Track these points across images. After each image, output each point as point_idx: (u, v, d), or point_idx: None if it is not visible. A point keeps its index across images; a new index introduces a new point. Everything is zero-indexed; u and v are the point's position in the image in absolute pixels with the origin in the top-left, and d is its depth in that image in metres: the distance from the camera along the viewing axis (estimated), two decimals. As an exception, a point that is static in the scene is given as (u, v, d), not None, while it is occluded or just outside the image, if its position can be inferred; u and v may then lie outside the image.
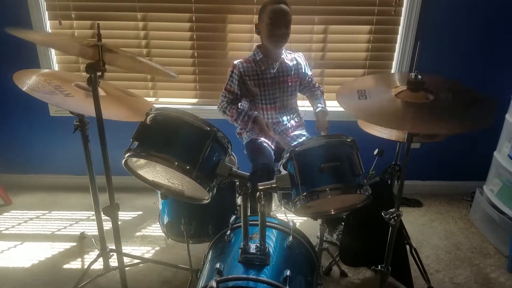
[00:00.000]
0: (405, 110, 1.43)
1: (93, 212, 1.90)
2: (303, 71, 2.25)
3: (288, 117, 2.27)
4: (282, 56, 2.18)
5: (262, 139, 2.19)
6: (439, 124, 1.43)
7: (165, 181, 1.52)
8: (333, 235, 2.29)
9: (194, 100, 2.72)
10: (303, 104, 2.36)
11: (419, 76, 1.48)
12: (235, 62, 2.17)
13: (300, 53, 2.29)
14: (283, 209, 1.56)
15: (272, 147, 2.19)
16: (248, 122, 2.10)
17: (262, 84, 2.16)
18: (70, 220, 2.55)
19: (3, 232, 2.43)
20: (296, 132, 2.24)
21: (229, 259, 1.44)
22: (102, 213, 1.56)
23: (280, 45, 2.11)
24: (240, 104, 2.22)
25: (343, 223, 2.23)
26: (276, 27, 2.02)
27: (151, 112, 1.42)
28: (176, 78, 1.61)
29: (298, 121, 2.31)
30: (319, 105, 2.23)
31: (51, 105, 2.64)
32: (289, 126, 2.26)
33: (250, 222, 1.43)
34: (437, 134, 1.93)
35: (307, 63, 2.30)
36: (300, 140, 1.58)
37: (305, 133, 2.26)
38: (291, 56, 2.23)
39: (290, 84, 2.20)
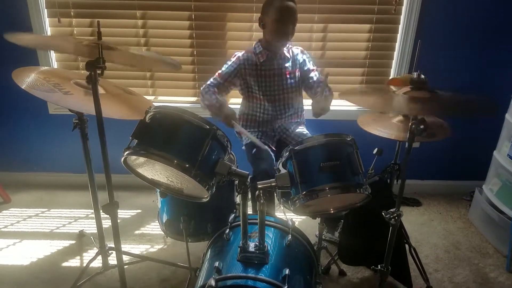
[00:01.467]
0: (410, 100, 1.44)
1: (92, 210, 1.90)
2: (302, 63, 2.21)
3: (288, 113, 2.25)
4: (281, 51, 2.16)
5: (262, 141, 2.17)
6: (444, 108, 1.45)
7: (164, 179, 1.52)
8: (335, 233, 2.29)
9: (194, 99, 2.71)
10: (305, 103, 2.35)
11: (422, 76, 1.48)
12: (236, 52, 2.20)
13: (299, 47, 2.26)
14: (282, 208, 1.56)
15: (273, 148, 2.19)
16: (214, 100, 1.98)
17: (260, 75, 2.16)
18: (69, 218, 2.55)
19: (2, 230, 2.43)
20: (297, 131, 2.23)
21: (228, 257, 1.44)
22: (101, 211, 1.56)
23: (285, 43, 2.12)
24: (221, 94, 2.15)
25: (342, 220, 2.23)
26: (284, 25, 2.02)
27: (150, 110, 1.42)
28: (178, 68, 1.60)
29: (299, 119, 2.30)
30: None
31: (50, 103, 2.63)
32: (288, 122, 2.25)
33: (249, 221, 1.43)
34: (436, 134, 1.93)
35: (309, 57, 2.25)
36: (300, 139, 1.57)
37: (306, 131, 2.25)
38: (290, 49, 2.21)
39: (288, 76, 2.18)
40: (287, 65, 2.18)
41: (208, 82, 2.16)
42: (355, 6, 2.45)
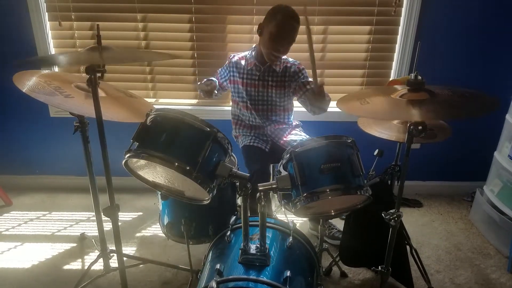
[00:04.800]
0: (409, 104, 1.44)
1: (93, 213, 1.90)
2: (294, 76, 2.14)
3: (274, 121, 2.24)
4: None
5: (256, 144, 2.19)
6: (444, 111, 1.43)
7: (165, 181, 1.52)
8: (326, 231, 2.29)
9: (194, 101, 2.72)
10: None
11: (419, 77, 1.48)
12: (231, 54, 2.23)
13: (298, 62, 2.18)
14: (283, 209, 1.56)
15: (266, 150, 2.19)
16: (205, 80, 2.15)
17: (246, 83, 2.16)
18: (71, 221, 2.55)
19: (4, 233, 2.43)
20: (291, 137, 2.21)
21: (229, 259, 1.44)
22: (102, 214, 1.56)
23: (275, 61, 2.07)
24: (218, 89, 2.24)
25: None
26: (278, 43, 1.97)
27: (151, 113, 1.42)
28: (175, 57, 1.61)
29: (289, 125, 2.28)
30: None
31: (51, 106, 2.64)
32: (279, 128, 2.25)
33: (250, 223, 1.43)
34: (437, 135, 1.93)
35: (304, 74, 2.15)
36: (301, 141, 1.57)
37: (301, 135, 2.25)
38: (284, 63, 2.14)
39: (274, 90, 2.14)
40: (274, 77, 2.13)
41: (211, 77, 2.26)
42: (355, 8, 2.46)
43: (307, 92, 2.07)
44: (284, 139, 2.20)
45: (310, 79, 2.13)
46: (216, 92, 2.18)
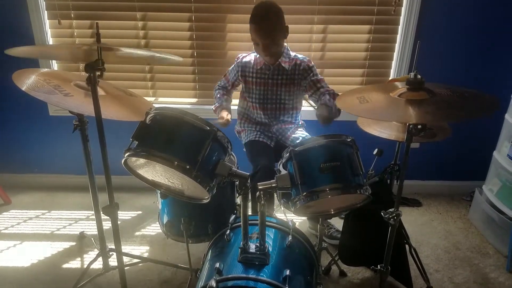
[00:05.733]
0: (408, 105, 1.43)
1: (93, 212, 1.90)
2: (303, 73, 2.13)
3: (281, 120, 2.24)
4: (280, 60, 2.10)
5: (262, 139, 2.19)
6: (443, 113, 1.43)
7: (164, 180, 1.52)
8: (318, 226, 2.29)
9: (194, 100, 2.72)
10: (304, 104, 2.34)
11: (419, 76, 1.48)
12: (240, 54, 2.23)
13: (308, 59, 2.16)
14: (282, 208, 1.56)
15: (271, 146, 2.20)
16: (216, 110, 2.18)
17: (254, 83, 2.16)
18: (70, 219, 2.55)
19: (3, 231, 2.43)
20: (296, 135, 2.22)
21: (229, 258, 1.44)
22: (101, 212, 1.56)
23: (268, 59, 2.10)
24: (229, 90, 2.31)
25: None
26: (257, 46, 2.03)
27: (150, 111, 1.42)
28: (179, 60, 1.62)
29: (295, 124, 2.28)
30: (323, 99, 2.04)
31: (51, 104, 2.63)
32: (284, 127, 2.25)
33: (249, 222, 1.43)
34: (436, 134, 1.93)
35: (314, 72, 2.14)
36: (300, 140, 1.58)
37: (304, 134, 2.25)
38: (293, 61, 2.13)
39: (284, 88, 2.14)
40: (283, 76, 2.13)
41: (218, 82, 2.31)
42: (354, 7, 2.46)
43: (317, 104, 2.07)
44: (288, 137, 2.21)
45: (320, 77, 2.15)
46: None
